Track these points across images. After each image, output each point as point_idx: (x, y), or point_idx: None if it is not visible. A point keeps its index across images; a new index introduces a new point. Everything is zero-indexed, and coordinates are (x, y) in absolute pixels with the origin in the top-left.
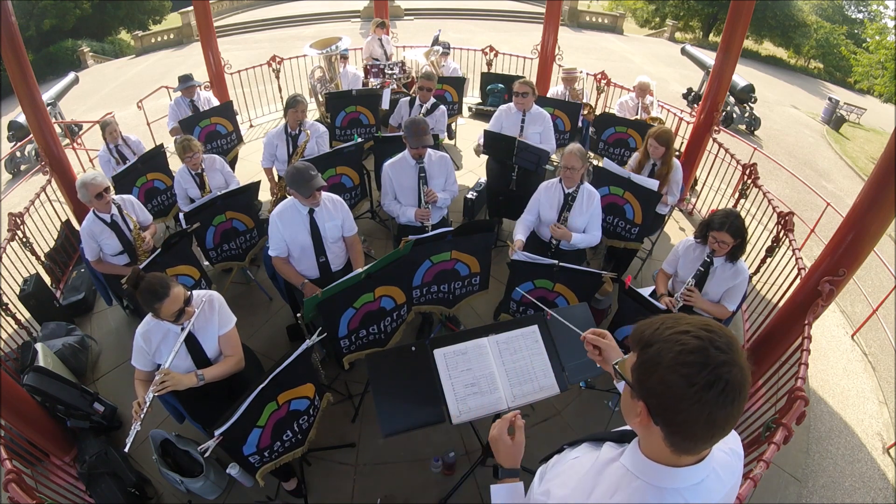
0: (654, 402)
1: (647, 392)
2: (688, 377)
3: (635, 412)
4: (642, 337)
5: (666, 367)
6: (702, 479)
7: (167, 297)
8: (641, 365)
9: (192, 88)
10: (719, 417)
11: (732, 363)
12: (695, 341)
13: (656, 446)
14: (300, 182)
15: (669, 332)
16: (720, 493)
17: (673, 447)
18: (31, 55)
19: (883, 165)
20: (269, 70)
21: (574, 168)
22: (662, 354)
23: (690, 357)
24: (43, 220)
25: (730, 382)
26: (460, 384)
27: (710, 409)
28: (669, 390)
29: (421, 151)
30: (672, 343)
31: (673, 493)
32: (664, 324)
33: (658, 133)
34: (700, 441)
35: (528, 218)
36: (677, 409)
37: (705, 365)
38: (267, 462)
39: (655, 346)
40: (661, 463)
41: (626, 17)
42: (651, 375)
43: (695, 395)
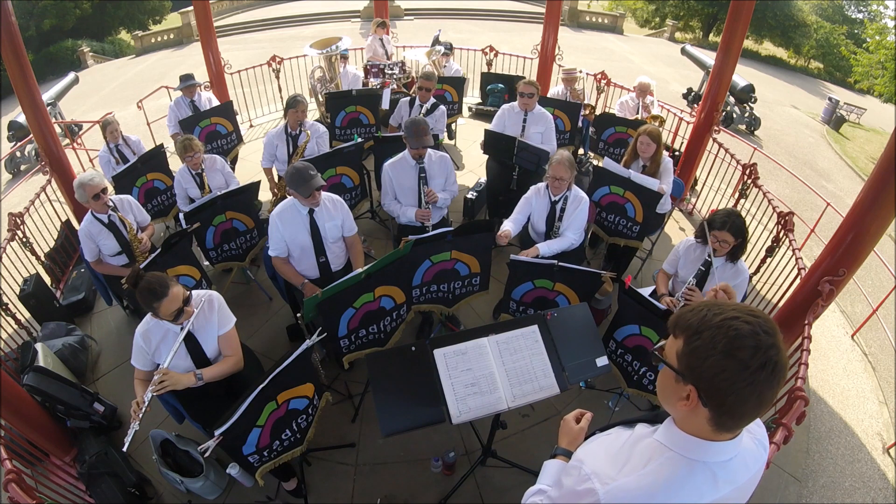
0: (706, 386)
1: (699, 376)
2: (743, 361)
3: (680, 395)
4: (689, 325)
5: (721, 353)
6: (731, 458)
7: (166, 297)
8: (693, 352)
9: (192, 88)
10: (767, 396)
11: (778, 346)
12: (746, 327)
13: (696, 424)
14: (300, 182)
15: (719, 319)
16: (744, 477)
17: (718, 427)
18: (31, 55)
19: (883, 165)
20: (269, 70)
21: (563, 179)
22: (716, 340)
23: (744, 342)
24: (43, 220)
25: (777, 364)
26: (460, 384)
27: (762, 389)
28: (724, 374)
29: (421, 152)
30: (725, 329)
31: (703, 467)
32: (711, 310)
33: (650, 130)
34: (746, 418)
35: (519, 219)
36: (730, 391)
37: (757, 349)
38: (266, 461)
39: (706, 332)
40: (695, 436)
41: (626, 17)
42: (704, 361)
43: (750, 377)
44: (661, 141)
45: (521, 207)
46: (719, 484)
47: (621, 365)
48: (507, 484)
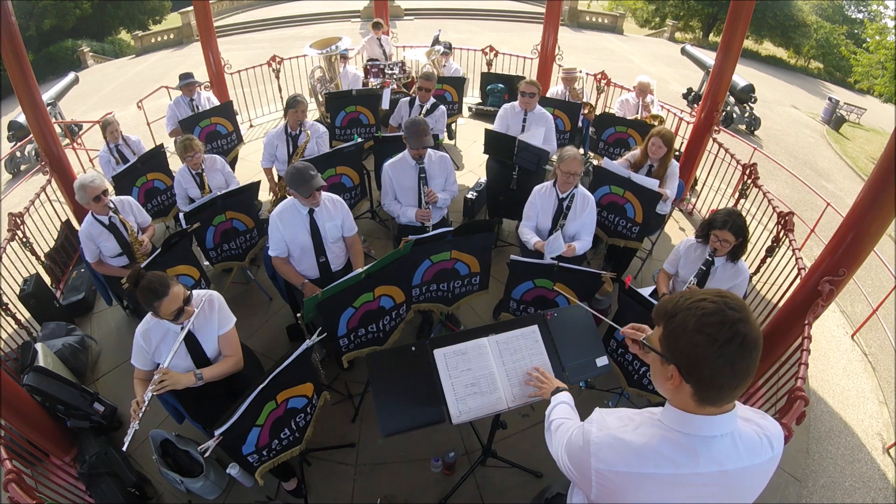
0: (684, 363)
1: (677, 355)
2: (711, 335)
3: (666, 376)
4: (665, 311)
5: (692, 331)
6: (715, 436)
7: (166, 296)
8: (670, 334)
9: (191, 86)
10: (741, 367)
11: (746, 320)
12: (712, 305)
13: (682, 400)
14: (300, 182)
15: (689, 302)
16: (734, 464)
17: (702, 401)
18: (31, 55)
19: (883, 165)
20: (269, 70)
21: (577, 174)
22: (687, 320)
23: (710, 318)
24: (43, 220)
25: (746, 336)
26: (460, 384)
27: (734, 361)
28: (697, 349)
29: (421, 152)
30: (693, 310)
31: (684, 438)
32: (682, 297)
33: (664, 132)
34: (726, 390)
35: (531, 224)
36: (705, 365)
37: (723, 323)
38: (266, 461)
39: (679, 315)
40: (682, 410)
41: (626, 17)
42: (679, 340)
43: (719, 350)
44: (673, 145)
45: (529, 213)
46: (700, 459)
47: (622, 364)
48: (507, 484)
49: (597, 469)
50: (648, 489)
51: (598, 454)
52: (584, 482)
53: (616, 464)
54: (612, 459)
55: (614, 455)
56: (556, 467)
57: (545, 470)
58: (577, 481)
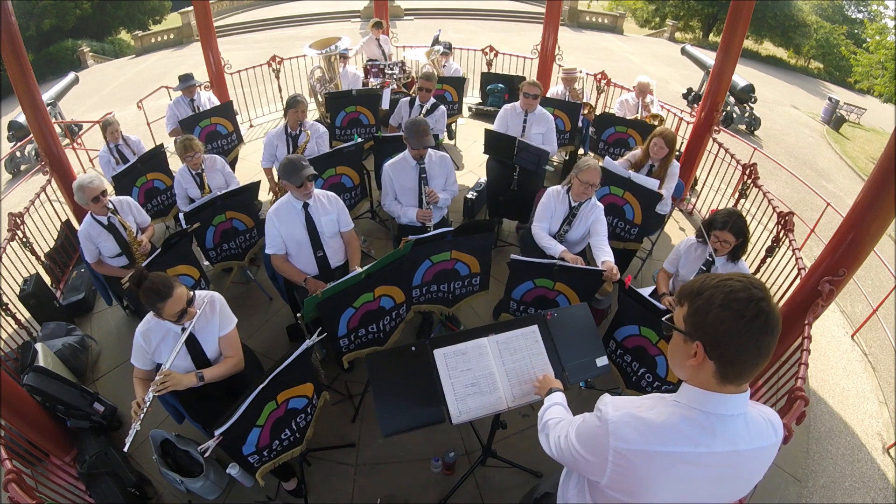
0: (710, 339)
1: (703, 331)
2: (738, 311)
3: (689, 354)
4: (692, 290)
5: (719, 306)
6: (733, 415)
7: (170, 298)
8: (697, 311)
9: (192, 88)
10: (764, 344)
11: (769, 299)
12: (738, 284)
13: (703, 378)
14: (291, 171)
15: (716, 281)
16: (747, 445)
17: (723, 378)
18: (31, 55)
19: (883, 165)
20: (269, 70)
21: (595, 185)
22: (714, 297)
23: (738, 295)
24: (43, 220)
25: (770, 314)
26: (460, 384)
27: (758, 337)
28: (724, 324)
29: (422, 152)
30: (721, 287)
31: (703, 417)
32: (707, 278)
33: (666, 133)
34: (748, 367)
35: (545, 226)
36: (731, 339)
37: (750, 300)
38: (266, 461)
39: (706, 293)
40: (702, 388)
41: (626, 17)
42: (706, 316)
43: (745, 326)
44: (675, 146)
45: (542, 214)
46: (717, 438)
47: (620, 365)
48: (507, 484)
49: (615, 448)
50: (667, 468)
51: (617, 432)
52: (597, 466)
53: (636, 441)
54: (632, 437)
55: (634, 433)
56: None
57: (545, 470)
58: (588, 468)
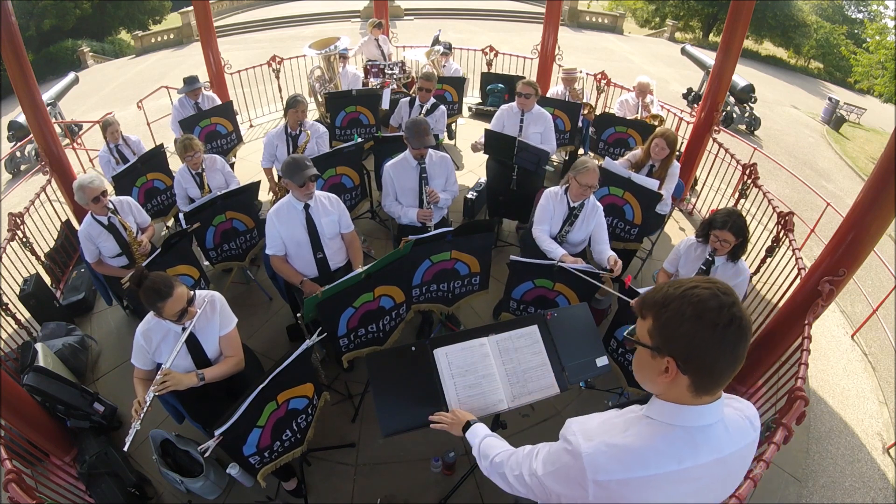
0: (683, 352)
1: (675, 345)
2: (712, 321)
3: (660, 369)
4: (655, 301)
5: (690, 318)
6: (711, 423)
7: (171, 297)
8: (665, 324)
9: (197, 91)
10: (740, 351)
11: (738, 304)
12: (706, 291)
13: (677, 393)
14: (294, 171)
15: (681, 291)
16: (729, 449)
17: (698, 390)
18: (31, 55)
19: (883, 165)
20: (269, 70)
21: (594, 187)
22: (683, 309)
23: (709, 304)
24: (43, 220)
25: (742, 318)
26: (460, 384)
27: (734, 345)
28: (697, 336)
29: (422, 152)
30: (688, 297)
31: (682, 432)
32: (671, 286)
33: (667, 134)
34: (724, 376)
35: (546, 228)
36: (706, 351)
37: (721, 307)
38: (268, 462)
39: (673, 304)
40: (676, 403)
41: (626, 17)
42: (678, 329)
43: (720, 335)
44: (676, 147)
45: (542, 217)
46: (700, 450)
47: (622, 364)
48: None
49: (595, 481)
50: (653, 491)
51: (595, 465)
52: (578, 498)
53: (616, 471)
54: (612, 467)
55: (613, 462)
56: None
57: None
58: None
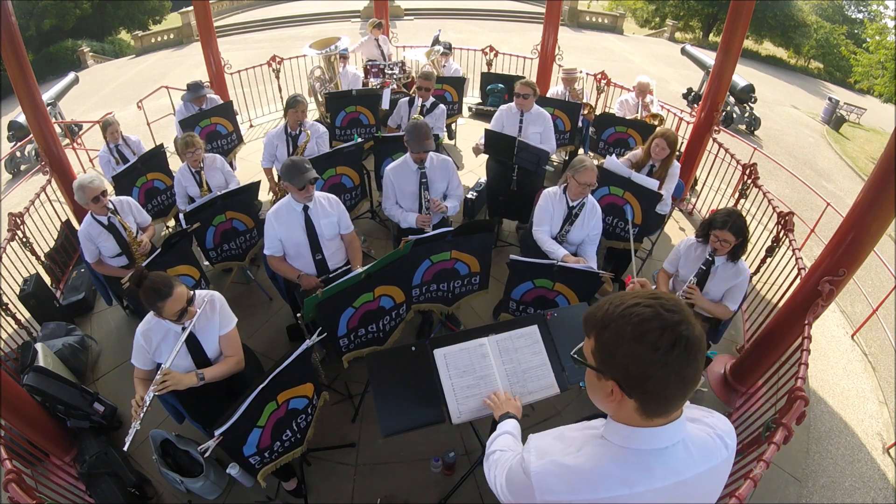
0: (624, 376)
1: (615, 369)
2: (652, 343)
3: (606, 392)
4: (596, 321)
5: (629, 341)
6: (666, 447)
7: (170, 297)
8: (604, 346)
9: (202, 98)
10: (688, 373)
11: (686, 321)
12: (647, 310)
13: (626, 415)
14: (294, 173)
15: (621, 309)
16: (691, 471)
17: (648, 413)
18: (31, 55)
19: (883, 165)
20: (269, 70)
21: (592, 185)
22: (622, 330)
23: (649, 325)
24: (43, 220)
25: (690, 339)
26: (460, 384)
27: (679, 368)
28: (637, 360)
29: (422, 156)
30: (627, 317)
31: (633, 454)
32: (612, 303)
33: (668, 134)
34: (674, 400)
35: (546, 229)
36: (648, 376)
37: (664, 328)
38: (268, 463)
39: (612, 324)
40: (627, 425)
41: (626, 17)
42: (616, 352)
43: (662, 358)
44: (676, 147)
45: (542, 218)
46: (655, 473)
47: None
48: None
49: (543, 501)
50: None
51: (542, 486)
52: None
53: (563, 493)
54: (559, 489)
55: (560, 483)
56: None
57: None
58: None
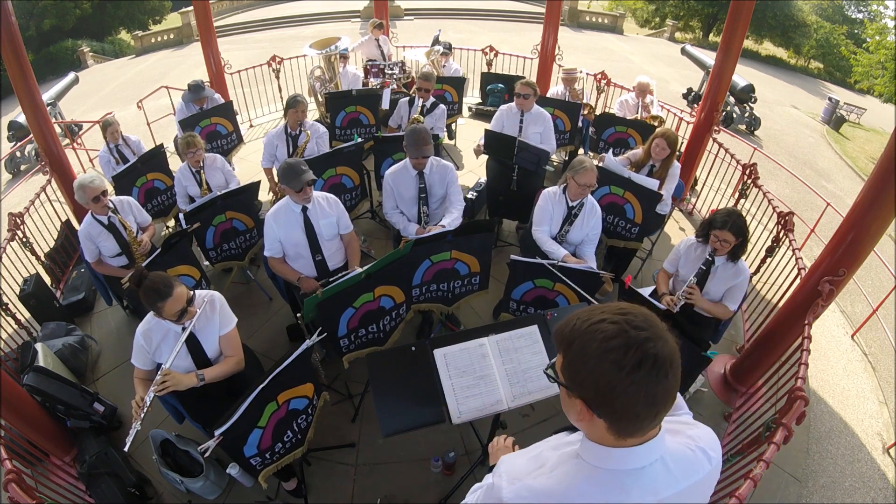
0: (590, 396)
1: (581, 387)
2: (616, 362)
3: (576, 410)
4: (563, 336)
5: (593, 359)
6: (643, 466)
7: (170, 297)
8: (569, 364)
9: (203, 99)
10: (658, 392)
11: (656, 338)
12: (612, 327)
13: (598, 434)
14: (291, 176)
15: (587, 325)
16: (671, 489)
17: (619, 433)
18: (31, 55)
19: (883, 165)
20: (269, 70)
21: (592, 186)
22: (586, 347)
23: (613, 342)
24: (43, 220)
25: (658, 356)
26: (460, 384)
27: (647, 387)
28: (602, 379)
29: (421, 162)
30: (592, 334)
31: (607, 475)
32: (579, 318)
33: (668, 134)
34: (645, 420)
35: (546, 229)
36: (614, 396)
37: (629, 347)
38: (269, 464)
39: (577, 342)
40: (600, 444)
41: (626, 17)
42: (581, 370)
43: (627, 378)
44: (677, 147)
45: (542, 218)
46: (631, 493)
47: None
48: None
49: None
50: None
51: None
52: None
53: None
54: None
55: None
56: None
57: None
58: None
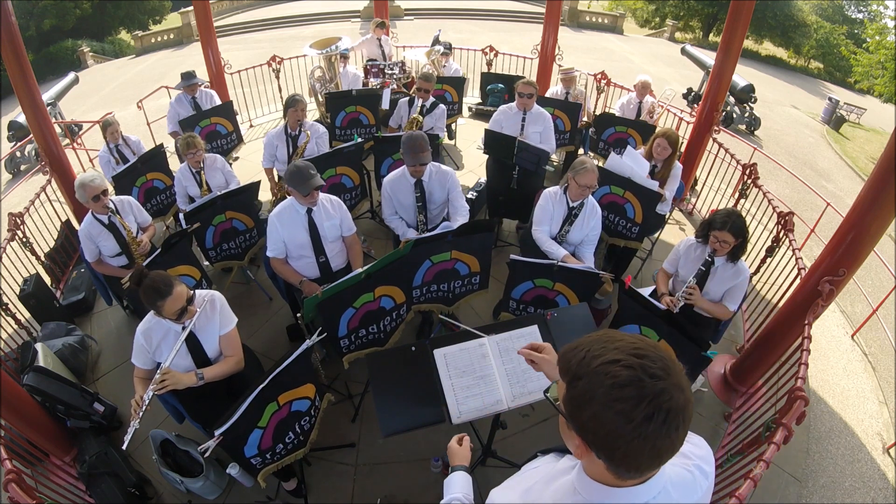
0: (590, 438)
1: (581, 427)
2: (624, 413)
3: (574, 443)
4: (569, 367)
5: (599, 404)
6: (646, 501)
7: (170, 296)
8: (572, 400)
9: (194, 86)
10: (664, 446)
11: (672, 388)
12: (626, 372)
13: (597, 471)
14: (299, 180)
15: (598, 363)
16: None
17: (618, 475)
18: (31, 55)
19: (883, 165)
20: (269, 70)
21: (593, 187)
22: (594, 389)
23: (624, 391)
24: (43, 220)
25: (671, 410)
26: (460, 384)
27: (654, 441)
28: (604, 428)
29: (419, 169)
30: (602, 376)
31: None
32: (590, 351)
33: (669, 134)
34: (646, 469)
35: (546, 229)
36: (615, 447)
37: (641, 398)
38: (269, 464)
39: (584, 379)
40: (601, 482)
41: (626, 17)
42: (583, 411)
43: (634, 431)
44: (678, 147)
45: (542, 218)
46: None
47: None
48: None
49: None
50: None
51: None
52: None
53: None
54: None
55: None
56: None
57: None
58: None
